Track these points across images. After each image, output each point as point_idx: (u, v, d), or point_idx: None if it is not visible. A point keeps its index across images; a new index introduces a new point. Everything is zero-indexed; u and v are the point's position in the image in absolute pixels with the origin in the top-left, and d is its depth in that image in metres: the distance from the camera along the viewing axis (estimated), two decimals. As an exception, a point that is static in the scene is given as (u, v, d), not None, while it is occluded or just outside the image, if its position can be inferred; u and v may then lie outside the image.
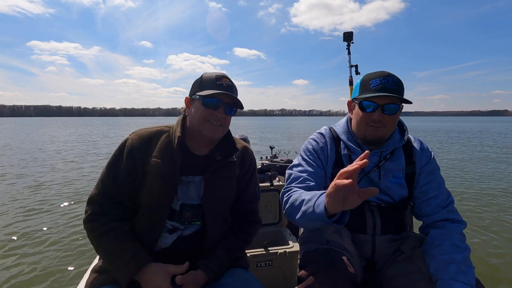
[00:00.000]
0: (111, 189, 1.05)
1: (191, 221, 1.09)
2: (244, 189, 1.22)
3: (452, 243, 1.02)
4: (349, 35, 2.56)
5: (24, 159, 9.93)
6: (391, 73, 1.10)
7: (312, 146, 1.26)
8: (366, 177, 1.19)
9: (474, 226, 3.83)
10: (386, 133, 1.15)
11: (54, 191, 5.65)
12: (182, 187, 1.09)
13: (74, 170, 8.01)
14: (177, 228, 1.08)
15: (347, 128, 1.26)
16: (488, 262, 2.92)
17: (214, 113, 1.07)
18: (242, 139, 2.86)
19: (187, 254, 1.09)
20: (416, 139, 1.26)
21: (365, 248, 1.19)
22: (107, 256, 0.99)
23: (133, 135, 1.11)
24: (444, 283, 0.93)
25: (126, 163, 1.06)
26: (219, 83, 1.08)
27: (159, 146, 1.09)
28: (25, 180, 6.63)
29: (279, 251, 1.72)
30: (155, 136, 1.12)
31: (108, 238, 0.99)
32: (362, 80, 1.16)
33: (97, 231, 1.00)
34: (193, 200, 1.10)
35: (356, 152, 1.20)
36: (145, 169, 1.06)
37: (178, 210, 1.07)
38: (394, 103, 1.09)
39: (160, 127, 1.16)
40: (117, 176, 1.06)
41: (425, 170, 1.19)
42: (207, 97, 1.06)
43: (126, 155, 1.07)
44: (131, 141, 1.09)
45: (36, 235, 3.57)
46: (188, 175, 1.10)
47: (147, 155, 1.08)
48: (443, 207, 1.12)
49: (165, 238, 1.07)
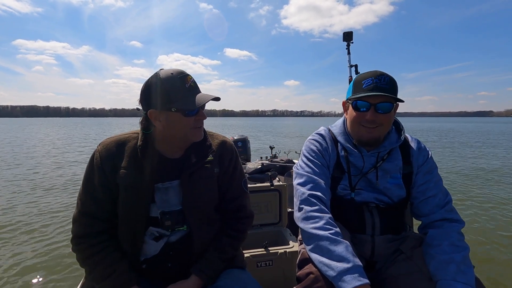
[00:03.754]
0: (91, 207, 1.02)
1: (174, 227, 1.06)
2: (228, 186, 1.18)
3: (451, 243, 1.02)
4: (349, 35, 2.58)
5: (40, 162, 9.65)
6: (384, 72, 1.10)
7: (315, 146, 1.25)
8: (364, 178, 1.19)
9: (472, 224, 3.89)
10: (381, 133, 1.15)
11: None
12: (159, 194, 1.05)
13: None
14: (163, 234, 1.06)
15: (343, 129, 1.26)
16: (487, 261, 2.96)
17: (197, 119, 1.04)
18: (241, 139, 2.81)
19: (178, 260, 1.08)
20: (413, 139, 1.25)
21: (365, 248, 1.19)
22: (93, 278, 1.00)
23: (100, 147, 1.06)
24: (444, 283, 0.93)
25: (99, 178, 1.02)
26: (187, 85, 1.00)
27: (127, 156, 1.04)
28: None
29: (279, 251, 1.72)
30: (122, 145, 1.06)
31: (93, 261, 0.99)
32: (355, 80, 1.16)
33: (82, 254, 1.01)
34: (174, 206, 1.06)
35: (353, 154, 1.20)
36: (116, 181, 1.02)
37: (159, 218, 1.05)
38: (387, 101, 1.10)
39: (128, 134, 1.11)
40: (93, 193, 1.03)
41: (423, 169, 1.18)
42: (188, 109, 0.99)
43: (96, 170, 1.03)
44: (98, 154, 1.04)
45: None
46: (164, 181, 1.06)
47: (116, 166, 1.03)
48: (441, 207, 1.12)
49: (152, 245, 1.06)
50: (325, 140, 1.27)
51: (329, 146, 1.25)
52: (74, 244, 1.02)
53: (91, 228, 1.02)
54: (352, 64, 2.53)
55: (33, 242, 3.39)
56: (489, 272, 2.76)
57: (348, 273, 0.90)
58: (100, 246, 1.01)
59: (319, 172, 1.18)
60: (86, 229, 1.02)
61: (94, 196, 1.02)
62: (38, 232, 3.68)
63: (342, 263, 0.93)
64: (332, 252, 0.96)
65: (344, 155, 1.21)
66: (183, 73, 1.01)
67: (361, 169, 1.19)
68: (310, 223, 1.05)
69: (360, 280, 0.88)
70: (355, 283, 0.88)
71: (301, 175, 1.20)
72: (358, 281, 0.88)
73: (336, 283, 0.91)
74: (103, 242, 1.02)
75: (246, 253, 1.66)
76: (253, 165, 2.40)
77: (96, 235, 1.02)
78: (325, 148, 1.24)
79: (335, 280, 0.91)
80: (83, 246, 1.00)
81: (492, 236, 3.58)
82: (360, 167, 1.19)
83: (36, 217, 4.18)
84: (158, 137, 1.07)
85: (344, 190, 1.20)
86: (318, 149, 1.24)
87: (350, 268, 0.91)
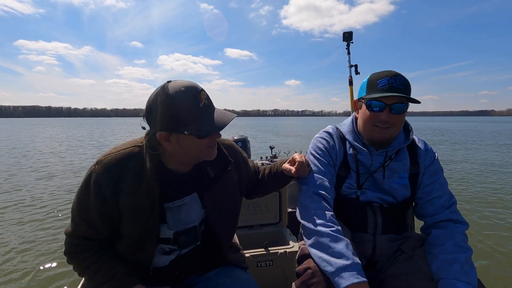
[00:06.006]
0: (85, 232, 0.93)
1: (188, 245, 1.04)
2: (247, 175, 1.24)
3: (455, 243, 1.02)
4: (349, 35, 2.58)
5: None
6: (399, 73, 1.10)
7: (322, 144, 1.25)
8: (371, 178, 1.19)
9: (475, 227, 3.88)
10: (393, 133, 1.15)
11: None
12: (171, 215, 0.98)
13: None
14: (173, 250, 1.03)
15: (352, 128, 1.26)
16: (488, 263, 2.95)
17: (211, 138, 0.95)
18: (241, 139, 2.82)
19: (186, 268, 1.07)
20: (420, 140, 1.26)
21: (366, 247, 1.19)
22: (93, 285, 0.95)
23: (98, 166, 0.90)
24: (447, 282, 0.93)
25: (95, 203, 0.90)
26: (202, 104, 0.89)
27: (130, 176, 0.91)
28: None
29: (279, 251, 1.72)
30: (124, 163, 0.92)
31: (91, 270, 0.93)
32: (369, 80, 1.15)
33: (79, 266, 0.95)
34: (187, 224, 1.02)
35: (362, 152, 1.19)
36: (119, 206, 0.91)
37: (172, 238, 1.00)
38: (402, 102, 1.10)
39: (129, 148, 0.95)
40: (88, 217, 0.92)
41: (429, 170, 1.18)
42: (204, 133, 0.89)
43: (93, 193, 0.89)
44: (96, 176, 0.89)
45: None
46: (174, 199, 0.99)
47: (117, 190, 0.90)
48: (446, 208, 1.12)
49: (161, 258, 1.02)
50: (333, 138, 1.27)
51: (336, 144, 1.25)
52: (68, 258, 0.96)
53: (85, 246, 0.95)
54: (352, 64, 2.53)
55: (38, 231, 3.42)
56: (490, 274, 2.76)
57: (347, 270, 0.91)
58: (95, 257, 0.94)
59: (324, 170, 1.19)
60: (80, 246, 0.95)
61: (89, 221, 0.92)
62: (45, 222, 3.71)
63: (341, 260, 0.93)
64: (332, 249, 0.97)
65: (352, 154, 1.21)
66: (196, 88, 0.88)
67: (369, 167, 1.19)
68: (312, 219, 1.06)
69: (357, 278, 0.89)
70: (353, 280, 0.88)
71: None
72: (356, 278, 0.89)
73: (333, 279, 0.92)
74: (99, 253, 0.95)
75: (246, 253, 1.66)
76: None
77: (90, 248, 0.95)
78: (332, 146, 1.24)
79: (333, 276, 0.92)
80: (78, 259, 0.94)
81: (492, 236, 3.58)
82: (368, 166, 1.19)
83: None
84: (166, 155, 0.97)
85: (349, 189, 1.20)
86: (325, 147, 1.24)
87: (349, 265, 0.91)
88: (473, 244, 3.28)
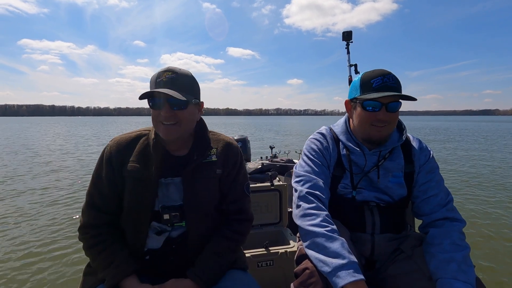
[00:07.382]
0: (97, 200, 1.08)
1: (173, 223, 1.08)
2: (230, 188, 1.18)
3: (452, 242, 1.02)
4: (348, 34, 2.58)
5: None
6: (389, 71, 1.11)
7: (316, 146, 1.25)
8: (365, 177, 1.20)
9: (473, 224, 3.86)
10: (389, 131, 1.16)
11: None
12: (162, 190, 1.08)
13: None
14: (164, 229, 1.09)
15: (345, 128, 1.26)
16: (487, 260, 2.94)
17: (160, 113, 1.02)
18: (241, 139, 2.81)
19: (179, 254, 1.09)
20: (415, 138, 1.26)
21: (365, 246, 1.19)
22: (96, 266, 1.05)
23: (112, 142, 1.12)
24: (445, 282, 0.93)
25: (106, 172, 1.08)
26: (159, 80, 1.02)
27: (137, 151, 1.10)
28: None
29: (280, 251, 1.73)
30: (134, 141, 1.12)
31: (95, 251, 1.05)
32: (362, 79, 1.15)
33: (87, 243, 1.07)
34: (174, 202, 1.09)
35: (355, 152, 1.20)
36: (123, 174, 1.07)
37: (160, 211, 1.08)
38: (396, 101, 1.11)
39: (140, 131, 1.16)
40: (100, 187, 1.08)
41: (424, 169, 1.18)
42: (146, 98, 1.03)
43: (105, 164, 1.08)
44: (109, 149, 1.10)
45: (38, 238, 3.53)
46: (166, 177, 1.09)
47: (124, 161, 1.08)
48: (443, 206, 1.12)
49: (154, 239, 1.09)
50: (326, 139, 1.27)
51: (330, 145, 1.25)
52: (80, 233, 1.09)
53: (96, 220, 1.08)
54: (352, 64, 2.53)
55: (39, 231, 3.46)
56: (489, 272, 2.75)
57: (343, 269, 0.91)
58: (102, 237, 1.06)
59: (318, 171, 1.19)
60: (91, 221, 1.08)
61: (101, 190, 1.08)
62: (46, 221, 3.75)
63: (337, 259, 0.93)
64: (327, 249, 0.97)
65: (346, 154, 1.22)
66: (166, 69, 1.04)
67: (363, 167, 1.19)
68: (307, 220, 1.06)
69: (354, 276, 0.89)
70: (350, 278, 0.88)
71: (300, 173, 1.21)
72: (353, 277, 0.89)
73: (331, 278, 0.92)
74: (105, 234, 1.07)
75: (246, 253, 1.67)
76: (253, 165, 2.40)
77: (100, 227, 1.08)
78: (326, 147, 1.25)
79: (330, 276, 0.92)
80: (88, 236, 1.07)
81: (492, 236, 3.56)
82: (362, 166, 1.19)
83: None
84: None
85: (344, 189, 1.21)
86: (318, 148, 1.24)
87: (345, 264, 0.92)
88: (471, 242, 3.27)
